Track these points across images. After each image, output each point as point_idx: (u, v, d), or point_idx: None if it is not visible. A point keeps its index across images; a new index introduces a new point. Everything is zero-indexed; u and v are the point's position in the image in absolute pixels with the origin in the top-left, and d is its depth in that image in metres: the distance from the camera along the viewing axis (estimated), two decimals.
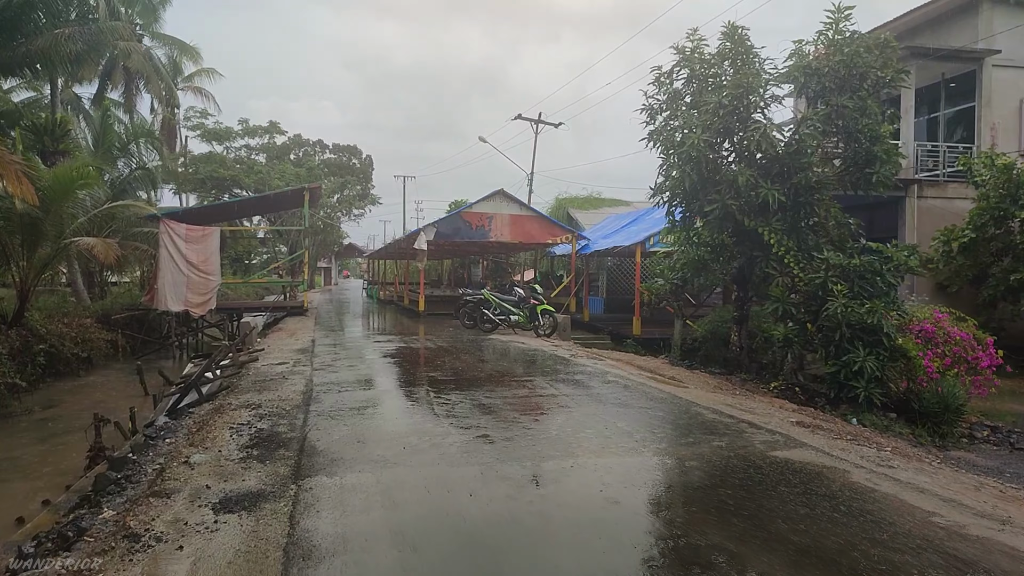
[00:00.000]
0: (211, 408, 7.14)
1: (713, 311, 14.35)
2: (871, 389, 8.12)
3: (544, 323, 14.17)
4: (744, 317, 10.97)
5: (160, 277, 17.94)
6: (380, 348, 11.82)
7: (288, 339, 13.39)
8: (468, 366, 9.59)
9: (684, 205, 10.68)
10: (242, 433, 5.67)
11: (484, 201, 18.94)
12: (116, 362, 17.54)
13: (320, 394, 7.32)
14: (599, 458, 4.80)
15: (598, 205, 28.81)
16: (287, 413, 6.41)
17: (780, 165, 9.57)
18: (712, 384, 8.57)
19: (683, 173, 9.42)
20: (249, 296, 32.05)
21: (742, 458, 4.81)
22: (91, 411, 12.67)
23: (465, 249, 29.50)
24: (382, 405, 6.81)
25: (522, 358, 10.56)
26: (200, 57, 37.06)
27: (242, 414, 6.45)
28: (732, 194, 9.28)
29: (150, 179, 26.73)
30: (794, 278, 9.30)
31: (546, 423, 5.90)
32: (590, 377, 8.52)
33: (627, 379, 8.41)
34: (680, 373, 9.37)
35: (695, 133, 9.30)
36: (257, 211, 29.29)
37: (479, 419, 6.03)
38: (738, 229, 9.82)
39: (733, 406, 6.89)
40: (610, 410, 6.50)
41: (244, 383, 8.36)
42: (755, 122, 9.33)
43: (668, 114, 10.52)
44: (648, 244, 15.92)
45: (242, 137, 36.22)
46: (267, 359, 10.39)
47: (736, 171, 9.18)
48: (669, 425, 5.82)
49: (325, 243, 47.65)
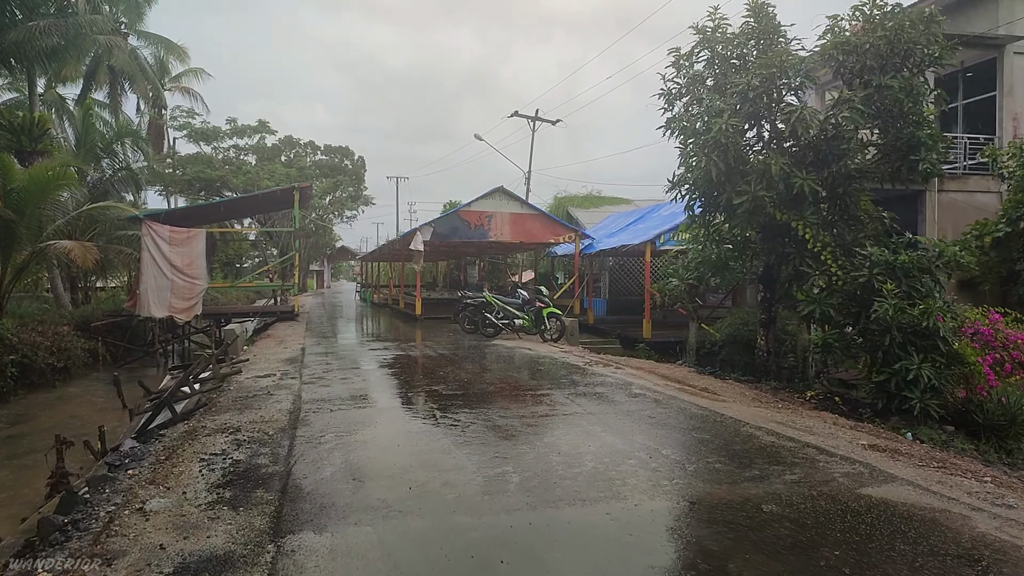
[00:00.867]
0: (184, 431, 6.21)
1: (730, 313, 13.50)
2: (927, 400, 7.27)
3: (551, 327, 13.27)
4: (771, 320, 10.11)
5: (143, 282, 17.04)
6: (376, 357, 10.89)
7: (276, 347, 12.44)
8: (474, 377, 8.67)
9: (705, 198, 9.82)
10: (214, 467, 4.74)
11: (483, 199, 18.02)
12: (96, 371, 16.59)
13: (309, 414, 6.39)
14: (653, 500, 3.89)
15: (598, 204, 27.95)
16: (270, 439, 5.49)
17: (815, 153, 8.72)
18: (749, 396, 7.67)
19: (709, 162, 8.54)
20: (240, 300, 31.04)
21: (830, 499, 3.90)
22: (64, 426, 11.81)
23: (461, 250, 28.59)
24: (381, 428, 5.88)
25: (532, 367, 9.65)
26: (187, 56, 36.06)
27: (217, 440, 5.52)
28: (763, 185, 8.41)
29: (134, 180, 25.76)
30: (831, 277, 8.44)
31: (578, 451, 4.98)
32: (613, 390, 7.62)
33: (656, 392, 7.51)
34: (710, 383, 8.48)
35: (722, 118, 8.43)
36: (246, 212, 28.26)
37: (496, 446, 5.12)
38: (768, 223, 8.95)
39: (785, 424, 6.00)
40: (648, 432, 5.59)
41: (224, 400, 7.43)
42: (788, 105, 8.48)
43: (688, 99, 9.67)
44: (658, 242, 15.05)
45: (230, 137, 35.14)
46: (252, 371, 9.45)
47: (769, 159, 8.31)
48: (723, 452, 4.91)
49: (317, 246, 46.63)
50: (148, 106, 35.42)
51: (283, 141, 40.13)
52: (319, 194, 36.34)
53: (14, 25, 18.40)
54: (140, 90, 34.07)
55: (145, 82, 33.98)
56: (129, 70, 32.95)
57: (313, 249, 46.81)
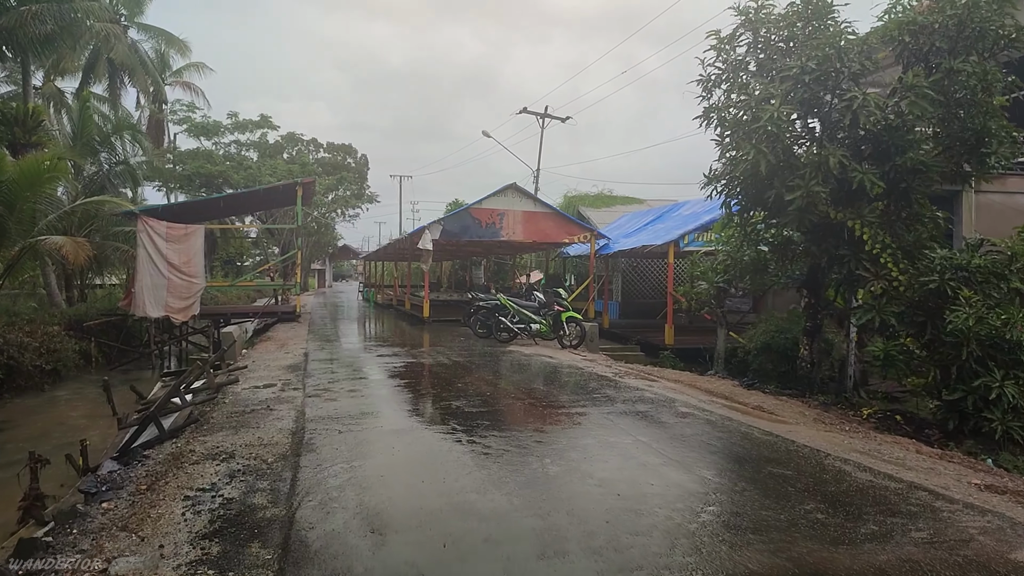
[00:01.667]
0: (170, 454, 5.38)
1: (760, 320, 12.66)
2: (1009, 422, 6.44)
3: (570, 333, 12.41)
4: (817, 328, 9.26)
5: (138, 280, 16.24)
6: (385, 364, 10.05)
7: (277, 352, 11.61)
8: (497, 390, 7.83)
9: (745, 195, 9.00)
10: (200, 507, 3.91)
11: (495, 196, 17.18)
12: (88, 374, 15.80)
13: (315, 436, 5.54)
14: (762, 567, 3.04)
15: (610, 203, 27.09)
16: (269, 469, 4.65)
17: (874, 144, 7.88)
18: (809, 416, 6.81)
19: (758, 154, 7.70)
20: (240, 299, 30.20)
21: (983, 569, 3.05)
22: (50, 435, 10.99)
23: (467, 250, 27.74)
24: (399, 455, 5.04)
25: (558, 378, 8.80)
26: (189, 50, 35.33)
27: (206, 470, 4.68)
28: (818, 179, 7.57)
29: (132, 176, 24.97)
30: (891, 282, 7.60)
31: (641, 491, 4.11)
32: (656, 408, 6.77)
33: (705, 411, 6.66)
34: (761, 399, 7.62)
35: (772, 105, 7.59)
36: (246, 208, 27.43)
37: (540, 484, 4.26)
38: (820, 223, 8.11)
39: (870, 454, 5.14)
40: (715, 465, 4.74)
41: (218, 415, 6.60)
42: (848, 91, 7.63)
43: (728, 87, 8.85)
44: (682, 243, 14.20)
45: (231, 132, 34.26)
46: (250, 379, 8.62)
47: (826, 150, 7.48)
48: (817, 496, 4.03)
49: (319, 244, 45.82)
50: (148, 100, 34.64)
51: (285, 138, 39.28)
52: (322, 191, 35.52)
53: (5, 10, 17.62)
54: (140, 84, 33.29)
55: (145, 76, 33.20)
56: (129, 63, 32.18)
57: (315, 248, 46.00)
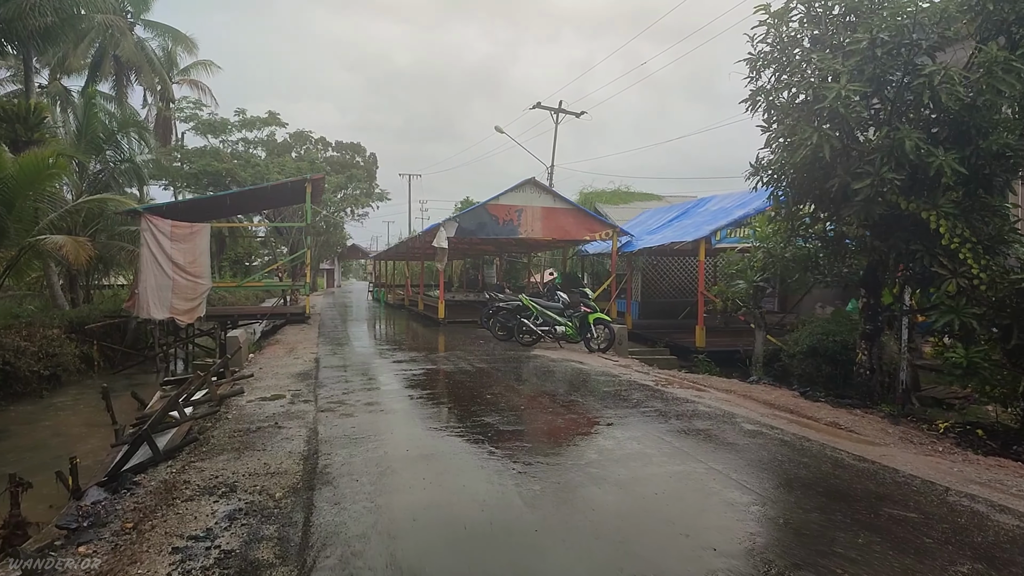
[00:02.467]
0: (162, 482, 4.62)
1: (799, 321, 11.83)
2: None
3: (598, 335, 11.58)
4: (878, 331, 8.40)
5: (142, 280, 15.58)
6: (403, 372, 9.25)
7: (286, 357, 10.84)
8: (531, 403, 7.02)
9: (795, 186, 8.18)
10: (191, 564, 3.13)
11: (512, 192, 16.37)
12: (89, 378, 15.15)
13: (330, 463, 4.75)
14: None
15: (628, 200, 26.20)
16: (276, 508, 3.87)
17: (952, 126, 7.03)
18: (894, 434, 5.95)
19: (822, 138, 6.86)
20: (248, 300, 29.55)
21: None
22: (44, 446, 10.28)
23: (480, 248, 26.95)
24: (432, 490, 4.23)
25: (595, 388, 7.97)
26: (196, 47, 34.82)
27: (202, 509, 3.91)
28: (890, 165, 6.73)
29: (137, 174, 24.36)
30: (971, 279, 6.74)
31: (743, 548, 3.25)
32: (717, 425, 5.94)
33: (775, 429, 5.82)
34: (832, 414, 6.74)
35: (839, 82, 6.75)
36: (254, 206, 26.70)
37: (616, 539, 3.41)
38: (887, 215, 7.26)
39: (992, 486, 4.29)
40: (818, 505, 3.88)
41: (219, 433, 5.83)
42: (924, 67, 6.78)
43: (777, 66, 8.02)
44: (714, 240, 13.35)
45: (239, 130, 33.65)
46: (257, 390, 7.85)
47: (901, 132, 6.63)
48: (969, 553, 3.08)
49: (328, 244, 45.21)
50: (155, 99, 34.11)
51: (294, 136, 38.70)
52: (331, 189, 34.84)
53: (3, 2, 16.97)
54: (147, 82, 32.77)
55: (152, 74, 32.68)
56: (135, 61, 31.68)
57: (324, 247, 45.40)
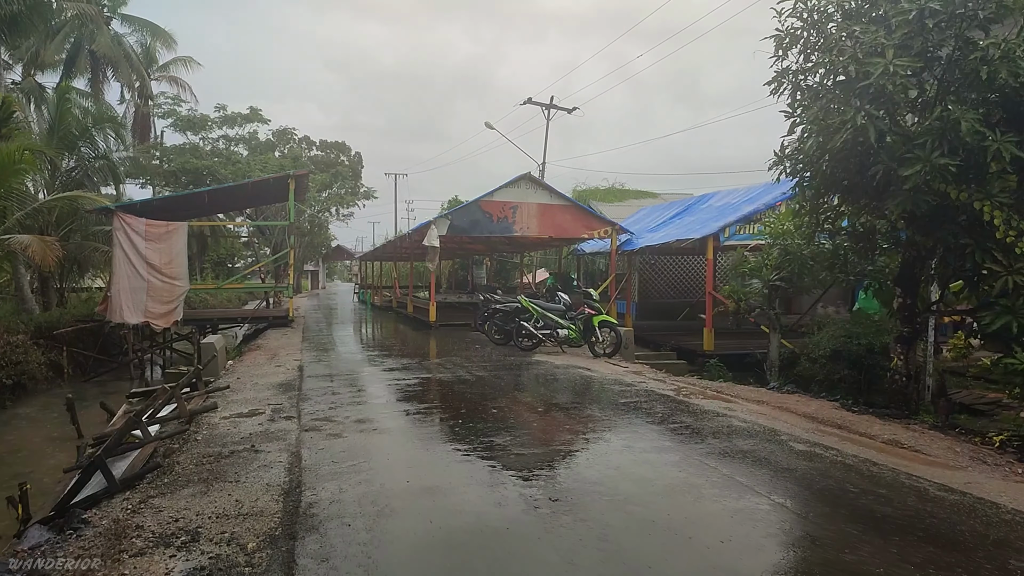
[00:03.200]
0: (111, 526, 3.78)
1: (815, 323, 11.15)
2: None
3: (603, 339, 10.81)
4: (916, 334, 7.71)
5: (115, 283, 14.64)
6: (395, 382, 8.42)
7: (267, 364, 9.98)
8: (542, 419, 6.24)
9: (822, 175, 7.48)
10: None
11: (507, 188, 15.57)
12: (59, 387, 14.18)
13: (316, 500, 3.93)
14: None
15: (623, 197, 25.56)
16: (249, 567, 3.05)
17: (1008, 107, 6.34)
18: (963, 453, 5.21)
19: (868, 119, 6.14)
20: (231, 302, 28.51)
21: None
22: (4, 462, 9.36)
23: (470, 247, 26.14)
24: (442, 536, 3.43)
25: (611, 399, 7.17)
26: (174, 42, 33.79)
27: (155, 567, 3.08)
28: (943, 150, 6.03)
29: (112, 171, 23.27)
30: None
31: None
32: (761, 444, 5.18)
33: (831, 451, 5.06)
34: (888, 430, 5.96)
35: (885, 57, 6.05)
36: (234, 204, 25.63)
37: None
38: (935, 205, 6.56)
39: None
40: (929, 558, 3.10)
41: (186, 459, 4.99)
42: (977, 40, 6.09)
43: (803, 44, 7.31)
44: (723, 237, 12.65)
45: (220, 127, 32.55)
46: (233, 403, 7.00)
47: (955, 113, 5.93)
48: None
49: (312, 244, 44.19)
50: (133, 95, 33.00)
51: (277, 134, 37.65)
52: (316, 188, 33.87)
53: None
54: (124, 78, 31.69)
55: (129, 69, 31.60)
56: (112, 56, 30.58)
57: (308, 248, 44.37)
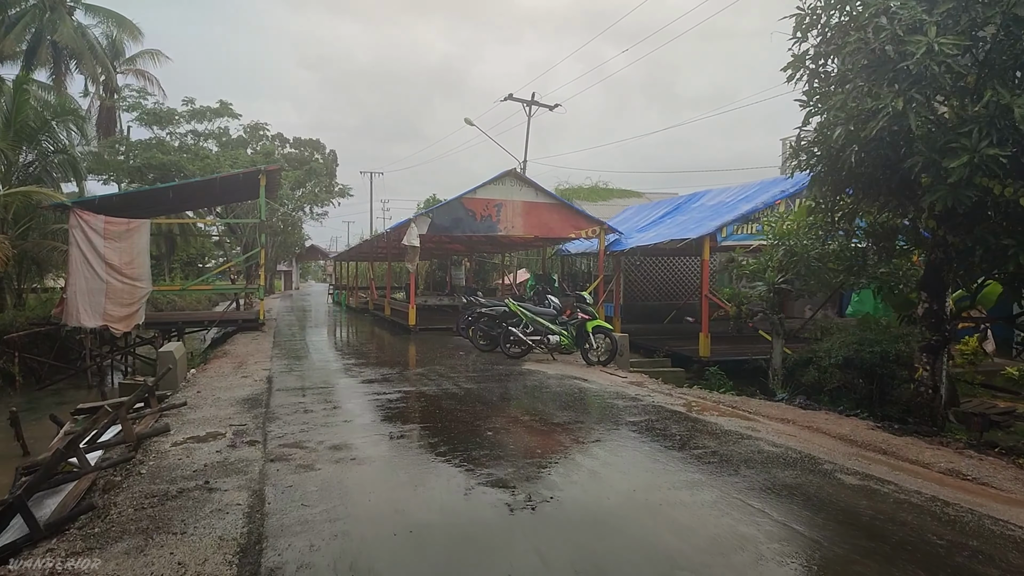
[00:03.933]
0: None
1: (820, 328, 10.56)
2: None
3: (598, 346, 10.10)
4: (944, 342, 7.09)
5: (71, 284, 13.62)
6: (375, 396, 7.58)
7: (232, 375, 9.08)
8: (546, 443, 5.48)
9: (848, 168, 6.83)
10: None
11: (491, 185, 14.84)
12: (9, 396, 13.09)
13: (283, 562, 3.13)
14: None
15: (606, 197, 24.96)
16: None
17: None
18: None
19: (907, 104, 5.49)
20: (201, 304, 27.29)
21: None
22: None
23: (448, 247, 25.31)
24: None
25: (618, 417, 6.41)
26: (141, 34, 32.49)
27: None
28: (992, 139, 5.40)
29: (73, 167, 22.02)
30: None
31: None
32: (805, 475, 4.47)
33: (885, 483, 4.36)
34: (942, 458, 5.27)
35: (928, 35, 5.41)
36: (201, 200, 24.42)
37: None
38: (977, 202, 5.93)
39: None
40: None
41: (124, 499, 4.13)
42: None
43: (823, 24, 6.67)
44: (720, 236, 12.02)
45: (188, 121, 31.28)
46: (189, 423, 6.12)
47: (1007, 98, 5.30)
48: None
49: (285, 244, 42.94)
50: (98, 88, 31.60)
51: (248, 130, 36.36)
52: (289, 185, 32.73)
53: None
54: (88, 70, 30.31)
55: (94, 61, 30.22)
56: (75, 47, 29.20)
57: (281, 248, 43.12)
